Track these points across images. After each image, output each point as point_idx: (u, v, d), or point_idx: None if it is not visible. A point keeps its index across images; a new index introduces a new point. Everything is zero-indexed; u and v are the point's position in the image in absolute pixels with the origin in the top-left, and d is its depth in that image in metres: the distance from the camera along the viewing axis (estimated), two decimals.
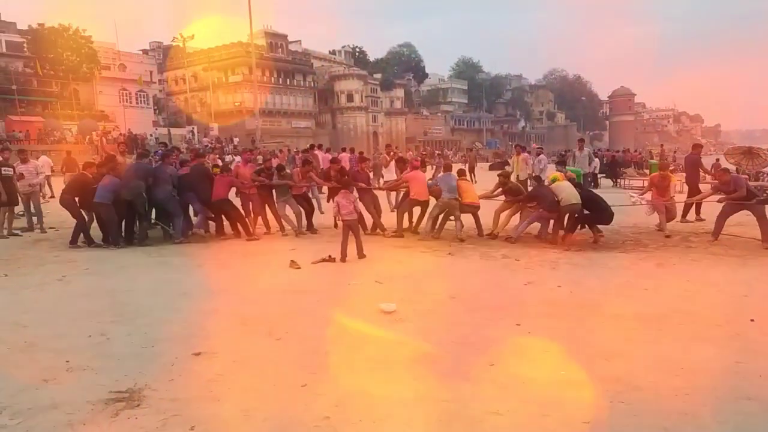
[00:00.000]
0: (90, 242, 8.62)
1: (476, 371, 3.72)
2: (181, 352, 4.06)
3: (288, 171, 10.01)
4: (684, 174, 11.50)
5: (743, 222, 8.66)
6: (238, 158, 21.66)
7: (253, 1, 34.04)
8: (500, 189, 9.28)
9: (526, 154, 12.55)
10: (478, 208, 9.11)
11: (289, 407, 3.24)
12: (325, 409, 3.19)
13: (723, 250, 7.77)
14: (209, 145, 41.52)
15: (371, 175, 13.01)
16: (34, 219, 10.27)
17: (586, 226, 8.62)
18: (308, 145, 19.30)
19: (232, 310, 5.17)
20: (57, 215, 11.98)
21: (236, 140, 44.66)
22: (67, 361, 3.89)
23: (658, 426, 2.95)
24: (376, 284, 6.08)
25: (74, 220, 8.73)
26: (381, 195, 10.85)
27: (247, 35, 42.56)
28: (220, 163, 14.07)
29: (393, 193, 11.21)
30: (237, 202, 9.78)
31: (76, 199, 8.71)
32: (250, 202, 9.65)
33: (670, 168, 31.99)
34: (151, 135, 41.78)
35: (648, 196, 9.68)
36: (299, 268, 6.95)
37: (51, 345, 4.26)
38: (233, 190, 9.67)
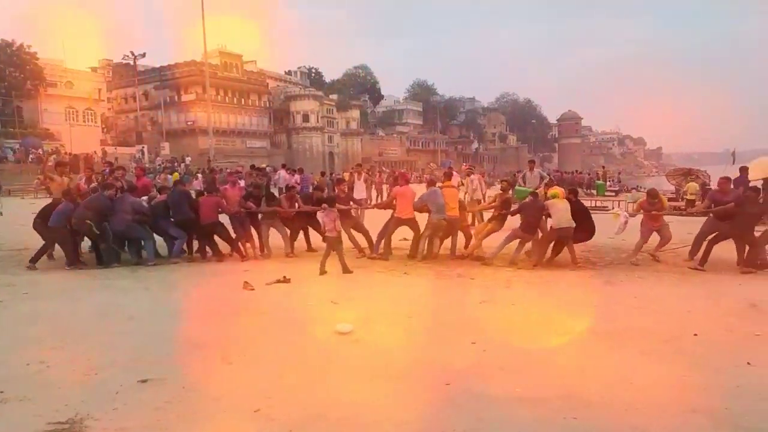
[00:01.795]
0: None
1: (433, 391, 3.71)
2: (127, 380, 3.88)
3: (277, 197, 9.73)
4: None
5: (686, 240, 8.96)
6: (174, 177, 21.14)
7: (207, 21, 33.70)
8: (498, 199, 8.97)
9: (476, 174, 12.81)
10: (457, 220, 8.83)
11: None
12: None
13: (666, 267, 8.07)
14: (161, 164, 40.58)
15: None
16: None
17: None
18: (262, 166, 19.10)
19: (181, 334, 5.00)
20: None
21: (188, 160, 43.77)
22: (2, 392, 3.65)
23: None
24: (332, 305, 6.01)
25: (16, 242, 8.34)
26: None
27: (201, 54, 42.08)
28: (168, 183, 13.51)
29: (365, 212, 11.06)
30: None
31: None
32: (239, 226, 9.24)
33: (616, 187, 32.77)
34: (95, 152, 40.50)
35: (628, 219, 9.10)
36: (253, 289, 6.80)
37: None
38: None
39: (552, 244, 8.43)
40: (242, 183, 11.65)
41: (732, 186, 8.98)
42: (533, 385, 3.78)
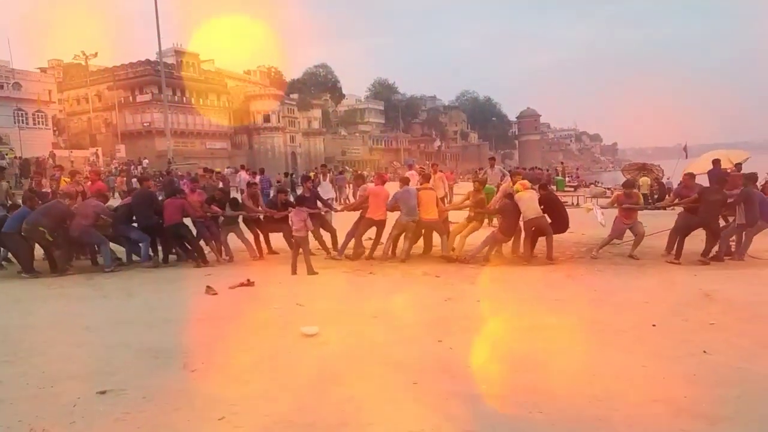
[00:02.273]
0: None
1: (400, 390, 3.70)
2: (85, 391, 3.74)
3: (240, 203, 9.45)
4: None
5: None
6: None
7: (162, 20, 32.93)
8: (470, 199, 8.89)
9: (441, 173, 12.90)
10: (436, 223, 8.66)
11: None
12: None
13: (624, 260, 8.30)
14: (117, 167, 39.47)
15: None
16: None
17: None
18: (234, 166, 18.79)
19: (141, 342, 4.84)
20: None
21: (145, 162, 42.69)
22: None
23: (563, 428, 3.06)
24: (298, 307, 5.94)
25: None
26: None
27: (156, 53, 41.09)
28: (125, 188, 12.99)
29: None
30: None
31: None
32: (206, 229, 9.02)
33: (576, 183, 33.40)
34: (49, 156, 39.07)
35: (600, 212, 9.21)
36: (216, 293, 6.67)
37: None
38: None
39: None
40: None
41: (708, 177, 9.28)
42: (498, 381, 3.82)
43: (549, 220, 8.26)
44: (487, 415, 3.31)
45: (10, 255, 8.74)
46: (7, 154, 35.82)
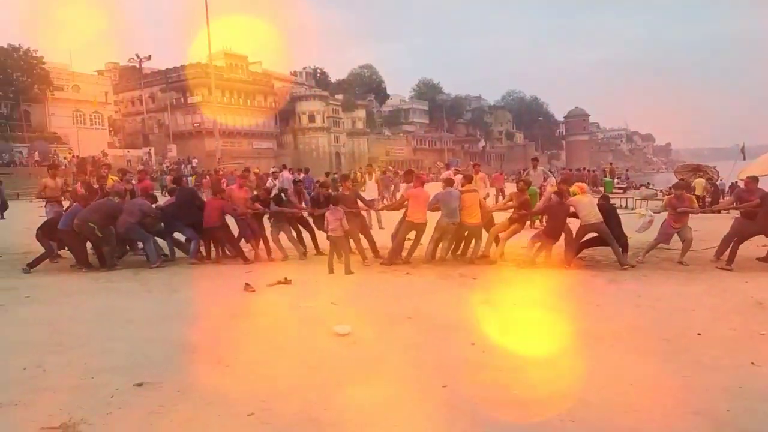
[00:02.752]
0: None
1: (428, 393, 3.67)
2: (122, 383, 3.86)
3: (285, 198, 9.42)
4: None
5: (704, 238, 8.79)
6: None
7: (212, 23, 33.82)
8: (515, 200, 8.68)
9: (483, 173, 12.76)
10: (479, 227, 8.50)
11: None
12: None
13: (672, 266, 7.97)
14: (168, 166, 40.78)
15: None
16: None
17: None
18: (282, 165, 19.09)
19: (179, 337, 4.97)
20: (1, 241, 11.51)
21: (195, 161, 43.94)
22: None
23: None
24: (332, 306, 5.98)
25: (21, 245, 8.39)
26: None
27: (206, 56, 42.20)
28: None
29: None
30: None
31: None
32: (248, 227, 9.09)
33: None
34: (102, 154, 40.75)
35: (653, 218, 8.71)
36: (254, 291, 6.79)
37: None
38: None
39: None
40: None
41: None
42: (531, 387, 3.73)
43: None
44: (515, 422, 3.24)
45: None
46: (64, 156, 37.55)
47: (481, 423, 3.23)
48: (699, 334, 4.77)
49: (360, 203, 9.21)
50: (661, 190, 31.04)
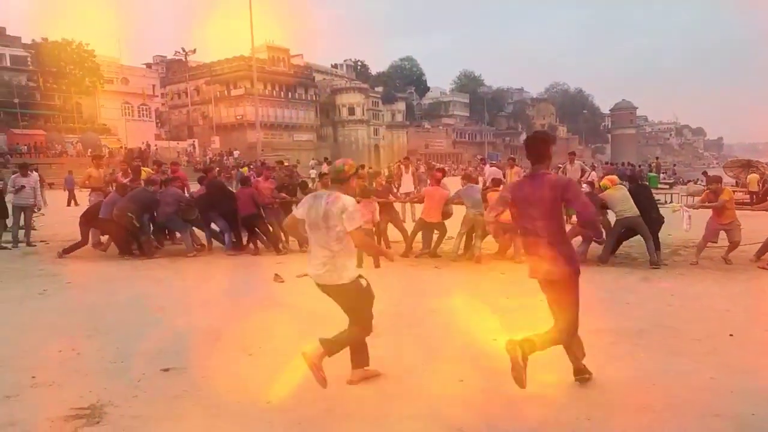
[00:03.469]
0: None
1: (445, 386, 3.68)
2: (150, 368, 4.02)
3: (312, 188, 9.73)
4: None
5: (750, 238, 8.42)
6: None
7: (255, 16, 34.39)
8: None
9: (518, 167, 12.59)
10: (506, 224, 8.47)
11: (250, 425, 3.20)
12: (286, 427, 3.15)
13: (710, 264, 7.71)
14: (211, 157, 41.75)
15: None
16: (21, 232, 10.19)
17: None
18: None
19: (208, 324, 5.13)
20: (50, 229, 12.05)
21: (236, 153, 44.82)
22: (33, 377, 3.85)
23: None
24: None
25: (66, 234, 8.80)
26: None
27: (249, 49, 42.93)
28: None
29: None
30: None
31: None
32: (273, 218, 9.29)
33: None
34: (150, 145, 41.99)
35: (690, 212, 8.28)
36: (283, 281, 6.92)
37: (20, 361, 4.23)
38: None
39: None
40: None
41: None
42: (549, 384, 3.70)
43: None
44: (530, 419, 3.22)
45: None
46: (112, 147, 38.86)
47: (493, 418, 3.23)
48: (731, 335, 4.62)
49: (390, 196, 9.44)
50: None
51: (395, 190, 15.04)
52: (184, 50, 53.18)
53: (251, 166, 25.31)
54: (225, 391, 3.66)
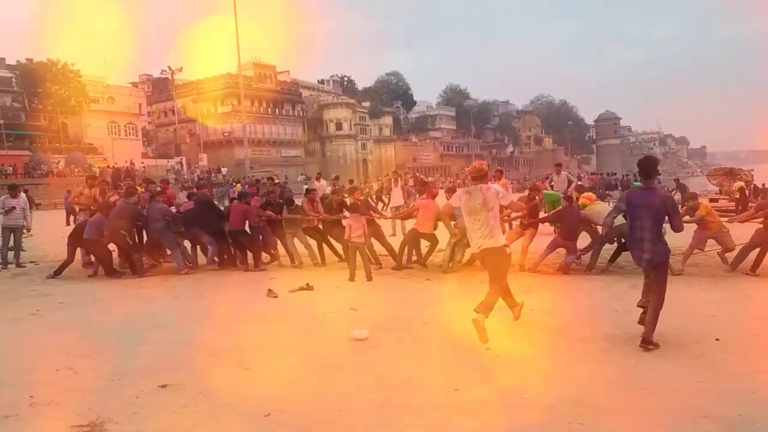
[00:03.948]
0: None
1: (441, 396, 3.75)
2: (148, 385, 4.05)
3: (298, 204, 9.69)
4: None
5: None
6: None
7: (241, 33, 34.52)
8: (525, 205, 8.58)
9: (505, 179, 12.77)
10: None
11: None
12: None
13: (697, 271, 7.88)
14: (198, 174, 41.68)
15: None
16: (10, 254, 10.13)
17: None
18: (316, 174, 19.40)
19: (203, 341, 5.16)
20: (39, 249, 11.99)
21: (224, 170, 44.79)
22: (31, 396, 3.87)
23: None
24: (351, 311, 6.10)
25: (55, 254, 8.76)
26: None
27: (236, 67, 43.09)
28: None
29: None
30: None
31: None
32: (260, 235, 9.36)
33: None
34: (132, 163, 41.83)
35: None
36: (276, 296, 6.96)
37: (17, 380, 4.24)
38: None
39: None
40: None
41: None
42: (542, 391, 3.77)
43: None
44: (523, 425, 3.30)
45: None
46: (94, 165, 38.67)
47: (490, 425, 3.30)
48: (717, 339, 4.74)
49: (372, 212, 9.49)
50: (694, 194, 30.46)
51: (384, 204, 15.11)
52: (170, 68, 53.32)
53: (242, 183, 25.37)
54: (224, 405, 3.70)
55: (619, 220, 7.74)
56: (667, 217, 4.63)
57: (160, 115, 62.68)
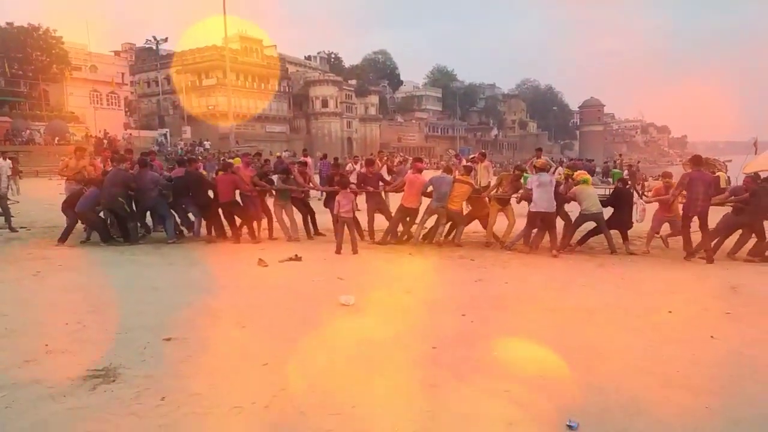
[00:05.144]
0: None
1: (420, 352, 4.19)
2: (153, 338, 4.42)
3: (291, 176, 9.90)
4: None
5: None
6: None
7: (228, 6, 34.21)
8: (504, 183, 9.16)
9: (488, 161, 13.16)
10: (458, 214, 8.95)
11: (251, 382, 3.65)
12: (282, 383, 3.61)
13: (661, 253, 8.43)
14: (182, 147, 41.47)
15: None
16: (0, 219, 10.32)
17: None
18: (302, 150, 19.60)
19: (201, 302, 5.53)
20: (27, 215, 12.15)
21: (207, 144, 44.57)
22: (47, 345, 4.22)
23: (567, 396, 3.45)
24: (338, 280, 6.51)
25: (45, 220, 8.99)
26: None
27: (222, 39, 42.66)
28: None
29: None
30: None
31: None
32: (252, 205, 9.57)
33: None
34: (114, 134, 41.50)
35: (645, 206, 9.29)
36: (266, 266, 7.33)
37: (31, 331, 4.59)
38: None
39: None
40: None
41: None
42: (510, 351, 4.24)
43: None
44: (492, 378, 3.75)
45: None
46: (75, 134, 38.18)
47: (463, 377, 3.75)
48: (670, 312, 5.25)
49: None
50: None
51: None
52: (155, 38, 52.56)
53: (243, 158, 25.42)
54: (225, 356, 4.11)
55: (597, 207, 8.31)
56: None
57: (143, 85, 61.71)
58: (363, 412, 3.24)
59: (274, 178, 10.01)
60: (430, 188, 8.97)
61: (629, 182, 10.06)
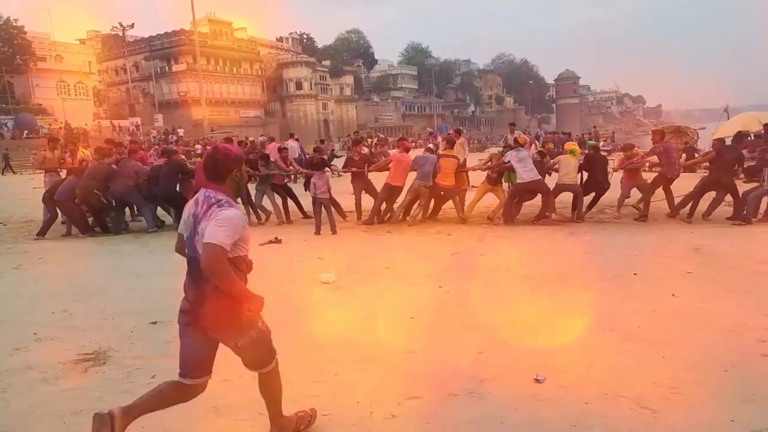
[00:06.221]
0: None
1: (399, 322, 4.40)
2: (140, 322, 4.56)
3: (272, 161, 9.95)
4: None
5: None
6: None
7: None
8: (494, 161, 9.40)
9: (463, 138, 13.35)
10: (452, 189, 9.03)
11: (236, 357, 3.81)
12: None
13: (630, 220, 8.75)
14: (155, 136, 40.92)
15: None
16: None
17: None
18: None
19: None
20: (3, 210, 12.07)
21: (181, 131, 43.99)
22: (35, 333, 4.34)
23: (531, 352, 3.69)
24: (318, 260, 6.69)
25: (21, 214, 8.95)
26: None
27: (190, 23, 41.94)
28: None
29: None
30: None
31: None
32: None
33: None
34: (85, 125, 40.75)
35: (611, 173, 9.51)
36: None
37: (19, 321, 4.70)
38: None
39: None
40: None
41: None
42: (483, 316, 4.48)
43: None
44: (467, 340, 3.98)
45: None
46: (44, 127, 37.42)
47: (440, 342, 3.97)
48: (635, 274, 5.54)
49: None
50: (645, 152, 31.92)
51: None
52: (121, 25, 51.31)
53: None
54: None
55: (571, 179, 8.62)
56: None
57: (111, 74, 60.43)
58: (346, 379, 3.44)
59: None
60: (414, 167, 9.02)
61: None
